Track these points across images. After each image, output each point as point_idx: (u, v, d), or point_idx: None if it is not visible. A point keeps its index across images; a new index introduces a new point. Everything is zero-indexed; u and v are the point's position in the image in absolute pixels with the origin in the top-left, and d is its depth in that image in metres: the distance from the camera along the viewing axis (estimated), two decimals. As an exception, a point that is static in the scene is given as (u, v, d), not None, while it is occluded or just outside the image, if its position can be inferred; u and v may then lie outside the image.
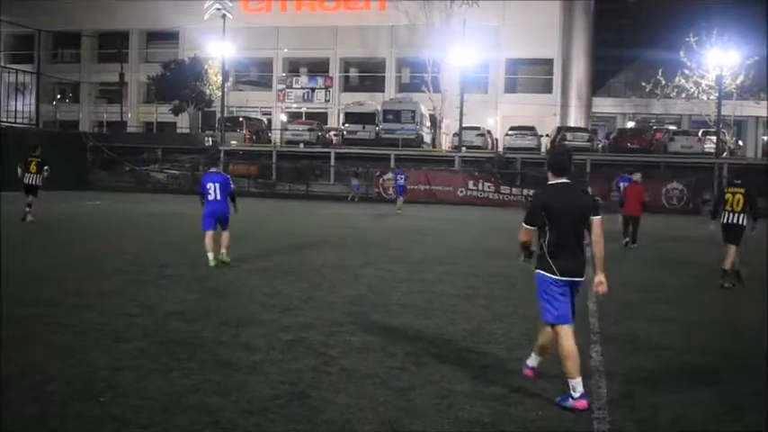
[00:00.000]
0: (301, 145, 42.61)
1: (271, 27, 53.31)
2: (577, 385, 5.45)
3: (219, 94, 46.99)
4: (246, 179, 41.41)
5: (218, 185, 12.20)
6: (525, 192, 36.08)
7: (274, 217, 25.35)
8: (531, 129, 42.24)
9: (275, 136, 48.57)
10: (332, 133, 46.77)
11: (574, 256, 5.73)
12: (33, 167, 19.27)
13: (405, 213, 27.67)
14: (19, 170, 19.52)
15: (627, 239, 17.80)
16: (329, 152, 41.81)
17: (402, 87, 53.07)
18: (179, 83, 48.12)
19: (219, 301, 9.18)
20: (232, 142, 44.03)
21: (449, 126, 47.42)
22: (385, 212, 28.47)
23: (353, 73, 57.11)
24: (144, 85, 56.43)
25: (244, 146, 44.36)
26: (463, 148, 40.81)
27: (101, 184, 41.28)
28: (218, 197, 12.19)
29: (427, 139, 44.71)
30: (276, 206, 31.26)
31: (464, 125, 41.78)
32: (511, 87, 52.28)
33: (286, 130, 46.56)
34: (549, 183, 5.91)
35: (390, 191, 37.25)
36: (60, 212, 23.36)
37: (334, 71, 54.12)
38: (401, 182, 30.57)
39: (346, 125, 43.48)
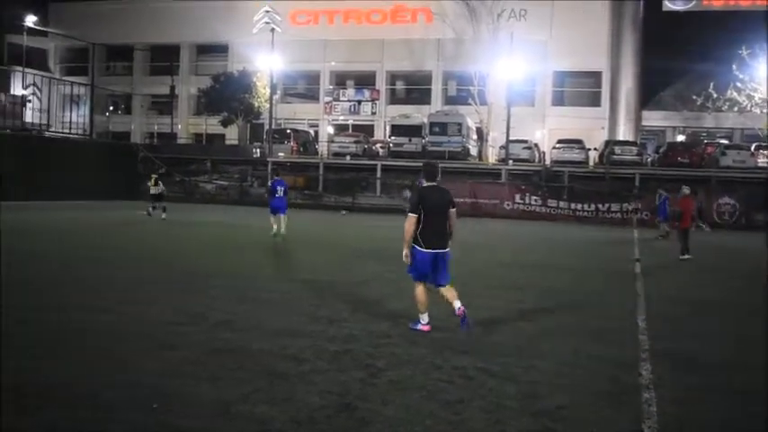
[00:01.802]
0: (348, 157, 42.83)
1: (318, 40, 53.79)
2: (424, 318, 8.32)
3: (268, 106, 47.55)
4: (293, 191, 41.77)
5: (282, 188, 20.00)
6: (573, 206, 35.74)
7: (321, 229, 25.50)
8: (579, 142, 41.88)
9: (322, 148, 48.93)
10: (378, 146, 46.93)
11: (439, 236, 8.24)
12: (155, 181, 26.29)
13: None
14: (148, 183, 26.91)
15: (687, 255, 17.78)
16: (375, 164, 41.96)
17: (448, 100, 53.02)
18: (228, 95, 48.82)
19: (267, 311, 9.25)
20: (279, 154, 44.46)
21: (495, 139, 47.21)
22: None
23: (400, 86, 57.26)
24: (194, 97, 57.38)
25: (291, 158, 44.74)
26: (510, 161, 40.63)
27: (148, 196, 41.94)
28: (282, 195, 19.87)
29: (473, 151, 44.59)
30: (322, 218, 31.47)
31: (511, 138, 41.63)
32: (558, 100, 51.84)
33: (333, 142, 46.93)
34: (423, 185, 8.49)
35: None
36: (112, 221, 23.82)
37: (381, 84, 54.34)
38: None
39: (392, 138, 43.61)
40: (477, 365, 6.91)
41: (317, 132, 53.97)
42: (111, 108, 61.01)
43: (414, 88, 56.09)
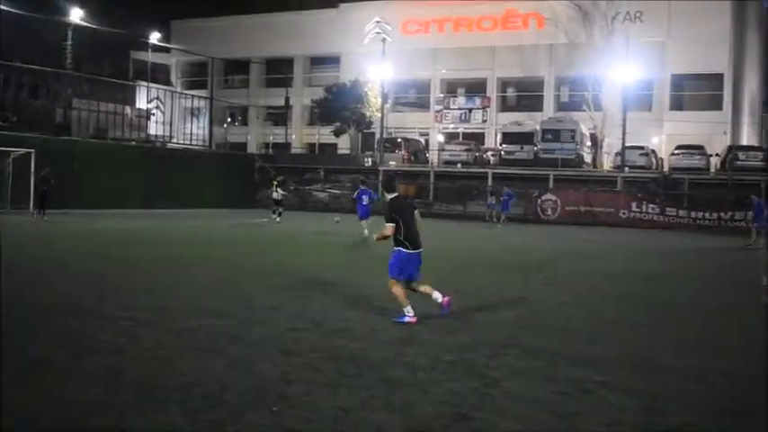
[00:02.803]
0: (459, 165, 42.78)
1: (429, 49, 53.98)
2: (409, 310, 8.95)
3: (379, 115, 48.08)
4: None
5: (367, 196, 22.60)
6: (693, 214, 34.41)
7: (433, 237, 25.51)
8: (700, 148, 40.29)
9: (433, 156, 49.03)
10: (489, 153, 46.64)
11: (418, 237, 9.18)
12: (275, 187, 29.35)
13: (564, 235, 27.12)
14: (270, 190, 29.55)
15: None
16: (486, 172, 41.71)
17: (561, 106, 52.12)
18: (340, 105, 49.71)
19: (382, 318, 9.34)
20: (391, 162, 44.85)
21: (610, 145, 46.01)
22: (541, 233, 28.03)
23: (511, 93, 56.72)
24: (307, 108, 58.75)
25: (402, 166, 45.06)
26: (626, 169, 39.52)
27: (267, 202, 43.17)
28: (367, 203, 22.44)
29: (587, 158, 43.65)
30: (433, 226, 31.49)
31: (627, 144, 40.48)
32: (677, 104, 49.93)
33: (443, 150, 46.94)
34: (391, 197, 9.35)
35: (549, 212, 36.71)
36: (229, 229, 24.63)
37: (492, 91, 53.95)
38: (506, 198, 30.65)
39: (504, 145, 43.26)
40: (594, 378, 6.76)
41: (427, 141, 54.12)
42: (229, 119, 63.20)
43: (525, 95, 55.43)
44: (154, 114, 46.96)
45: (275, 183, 29.81)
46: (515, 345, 8.04)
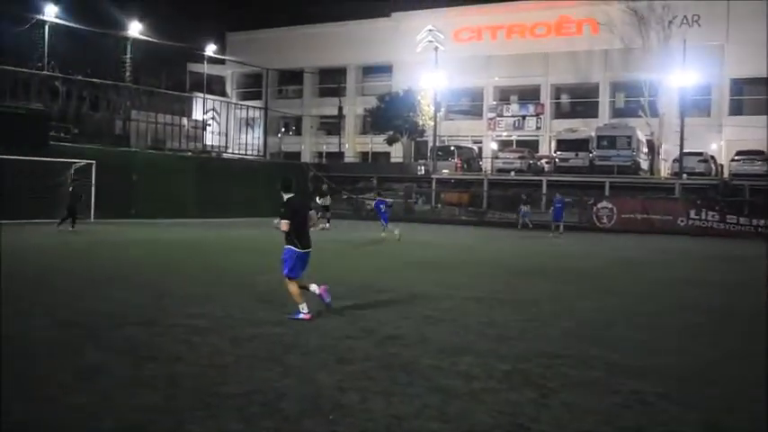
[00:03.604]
0: (512, 173, 42.48)
1: (482, 56, 53.77)
2: (304, 307, 9.44)
3: (432, 123, 48.06)
4: (457, 207, 41.94)
5: (384, 205, 25.95)
6: (755, 221, 33.53)
7: (486, 245, 25.42)
8: (761, 153, 39.27)
9: (486, 164, 48.80)
10: (543, 161, 46.23)
11: (308, 237, 9.80)
12: (322, 194, 30.55)
13: (620, 243, 26.72)
14: (318, 197, 30.12)
15: None
16: (541, 180, 41.33)
17: (616, 112, 51.37)
18: (393, 114, 49.84)
19: (435, 327, 9.32)
20: (444, 171, 44.79)
21: (668, 152, 45.17)
22: (597, 241, 27.64)
23: (565, 99, 56.13)
24: (360, 117, 59.01)
25: (455, 174, 44.96)
26: (684, 175, 38.72)
27: (321, 210, 43.48)
28: (385, 210, 25.85)
29: (644, 165, 42.91)
30: (487, 234, 31.36)
31: (685, 150, 39.68)
32: (736, 109, 48.69)
33: (497, 158, 46.71)
34: (287, 197, 9.73)
35: (605, 220, 36.22)
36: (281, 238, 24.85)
37: (546, 98, 53.48)
38: (559, 206, 30.38)
39: (558, 152, 42.83)
40: (654, 390, 6.62)
41: (480, 148, 53.91)
42: (283, 129, 63.88)
43: (580, 101, 54.81)
44: (210, 125, 47.73)
45: (322, 191, 30.23)
46: (571, 355, 7.93)
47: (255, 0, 73.64)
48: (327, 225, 28.30)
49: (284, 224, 9.53)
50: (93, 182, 30.22)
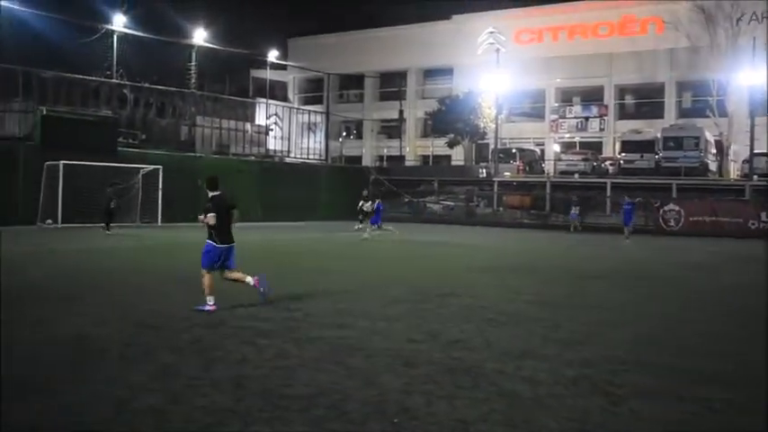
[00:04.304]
0: (576, 175, 41.94)
1: (543, 58, 53.24)
2: (210, 300, 10.00)
3: (493, 126, 47.76)
4: (519, 210, 41.56)
5: (381, 207, 26.68)
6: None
7: (549, 248, 25.13)
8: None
9: (548, 166, 48.27)
10: (607, 163, 45.51)
11: (227, 233, 10.27)
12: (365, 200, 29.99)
13: (688, 247, 26.12)
14: (362, 202, 29.58)
15: None
16: (605, 182, 40.66)
17: (683, 113, 50.26)
18: (454, 117, 49.70)
19: (499, 331, 9.25)
20: (505, 173, 44.50)
21: (737, 153, 43.98)
22: (664, 245, 27.08)
23: (629, 100, 55.15)
24: (421, 120, 59.04)
25: (517, 177, 44.60)
26: (754, 177, 37.62)
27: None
28: (381, 210, 26.79)
29: (713, 167, 41.89)
30: (550, 237, 31.04)
31: (755, 151, 38.55)
32: (810, 108, 47.16)
33: (560, 160, 46.21)
34: (212, 194, 10.30)
35: (672, 223, 35.47)
36: (345, 240, 25.00)
37: (609, 99, 52.65)
38: (628, 208, 29.57)
39: (623, 154, 42.15)
40: (723, 397, 6.45)
41: (542, 151, 53.37)
42: (344, 133, 64.32)
43: (644, 102, 53.79)
44: (272, 130, 48.34)
45: (364, 196, 30.18)
46: (639, 361, 7.78)
47: (316, 6, 74.49)
48: (393, 229, 28.08)
49: (210, 218, 10.08)
50: (160, 186, 30.93)
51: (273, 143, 48.26)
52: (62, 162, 26.80)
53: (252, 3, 73.41)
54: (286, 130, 49.43)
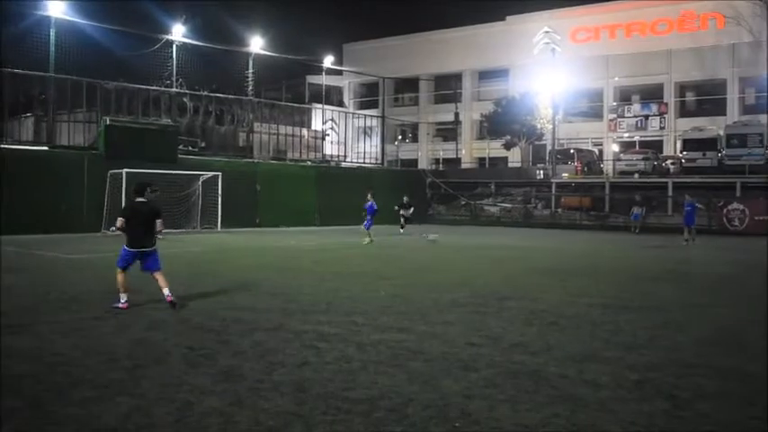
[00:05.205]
0: (636, 175, 41.24)
1: (600, 56, 52.53)
2: (123, 297, 10.44)
3: (550, 126, 47.28)
4: (578, 211, 41.04)
5: (373, 212, 26.32)
6: None
7: (610, 250, 24.76)
8: None
9: (607, 166, 47.57)
10: (669, 162, 44.58)
11: (142, 238, 10.66)
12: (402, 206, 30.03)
13: (753, 247, 25.45)
14: (398, 207, 29.98)
15: None
16: (666, 182, 39.86)
17: (746, 109, 48.95)
18: (510, 118, 49.35)
19: (560, 334, 9.16)
20: (563, 174, 43.99)
21: (805, 149, 42.65)
22: (728, 245, 26.42)
23: (690, 97, 53.98)
24: (476, 122, 58.80)
25: (575, 178, 44.05)
26: (823, 174, 36.49)
27: (439, 217, 43.60)
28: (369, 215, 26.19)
29: (779, 164, 40.69)
30: (610, 239, 30.58)
31: (824, 148, 37.39)
32: None
33: (619, 160, 45.53)
34: (137, 200, 10.78)
35: (736, 222, 34.58)
36: (405, 244, 25.04)
37: (669, 96, 51.59)
38: (689, 209, 28.07)
39: (684, 153, 41.29)
40: (796, 401, 6.28)
41: (601, 151, 52.60)
42: (400, 137, 64.41)
43: (706, 99, 52.56)
44: (329, 135, 48.69)
45: (403, 203, 30.31)
46: (704, 364, 7.62)
47: (369, 12, 74.80)
48: (434, 235, 27.54)
49: (119, 221, 10.67)
50: (220, 193, 31.44)
51: (330, 148, 48.60)
52: (125, 170, 27.47)
53: (308, 10, 74.09)
54: (342, 135, 49.77)
